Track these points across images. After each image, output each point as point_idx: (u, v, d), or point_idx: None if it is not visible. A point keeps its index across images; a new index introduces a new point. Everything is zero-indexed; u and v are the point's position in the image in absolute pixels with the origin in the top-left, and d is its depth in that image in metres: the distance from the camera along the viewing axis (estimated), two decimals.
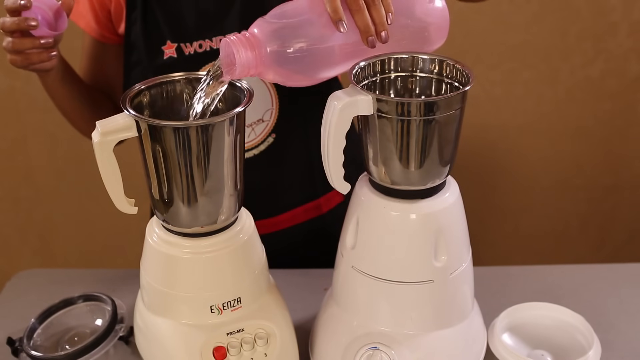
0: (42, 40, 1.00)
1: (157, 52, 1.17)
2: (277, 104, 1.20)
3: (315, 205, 1.33)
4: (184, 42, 1.16)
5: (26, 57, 1.02)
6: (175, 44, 1.16)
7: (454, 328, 0.97)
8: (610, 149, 2.13)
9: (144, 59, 1.18)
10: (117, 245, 2.22)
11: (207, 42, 1.16)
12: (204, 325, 0.94)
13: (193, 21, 1.16)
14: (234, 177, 0.92)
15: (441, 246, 0.92)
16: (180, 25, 1.16)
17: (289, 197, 1.31)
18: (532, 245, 2.27)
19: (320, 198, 1.33)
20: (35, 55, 1.02)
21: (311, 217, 1.33)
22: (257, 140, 1.22)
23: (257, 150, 1.23)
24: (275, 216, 1.30)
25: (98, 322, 1.10)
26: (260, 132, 1.22)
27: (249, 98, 0.89)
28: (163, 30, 1.16)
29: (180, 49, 1.16)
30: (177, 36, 1.16)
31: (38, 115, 2.02)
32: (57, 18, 1.02)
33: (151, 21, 1.17)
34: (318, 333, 1.02)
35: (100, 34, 1.23)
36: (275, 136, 1.22)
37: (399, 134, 0.86)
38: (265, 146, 1.23)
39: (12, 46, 1.00)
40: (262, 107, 1.20)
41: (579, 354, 1.00)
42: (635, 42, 1.98)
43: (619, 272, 1.26)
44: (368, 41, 0.86)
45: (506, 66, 2.01)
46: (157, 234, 0.95)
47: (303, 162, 1.28)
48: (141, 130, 0.86)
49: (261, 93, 1.19)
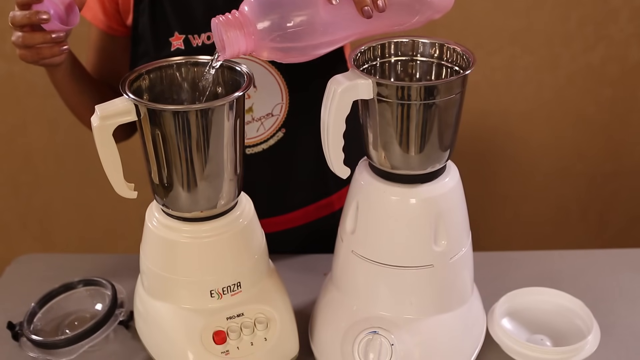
0: (53, 34, 0.97)
1: (165, 43, 1.15)
2: (287, 99, 1.19)
3: (327, 203, 1.31)
4: (191, 33, 1.15)
5: (37, 51, 1.00)
6: (183, 35, 1.15)
7: (454, 313, 0.97)
8: (610, 135, 2.13)
9: (150, 50, 1.17)
10: (117, 230, 2.22)
11: None
12: (204, 310, 0.95)
13: (201, 13, 1.14)
14: (233, 161, 0.92)
15: (441, 231, 0.92)
16: (188, 17, 1.15)
17: (299, 194, 1.29)
18: (532, 231, 2.27)
19: (332, 195, 1.31)
20: (46, 50, 1.00)
21: (323, 214, 1.32)
22: (266, 134, 1.21)
23: (267, 145, 1.22)
24: (286, 214, 1.29)
25: (98, 307, 1.11)
26: (269, 126, 1.20)
27: (248, 82, 0.88)
28: (171, 21, 1.15)
29: (188, 40, 1.15)
30: (185, 28, 1.15)
31: (37, 101, 2.01)
32: (68, 12, 0.99)
33: (159, 12, 1.15)
34: (318, 318, 1.02)
35: (107, 26, 1.21)
36: (285, 131, 1.21)
37: (399, 118, 0.86)
38: (275, 141, 1.21)
39: (23, 41, 0.98)
40: (271, 101, 1.19)
41: (578, 338, 1.01)
42: (636, 28, 1.97)
43: (618, 258, 1.26)
44: (363, 12, 0.82)
45: (506, 52, 2.00)
46: (156, 219, 0.95)
47: (313, 158, 1.26)
48: (140, 115, 0.86)
49: (271, 87, 1.18)
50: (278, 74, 1.17)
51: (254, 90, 1.17)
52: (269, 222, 1.27)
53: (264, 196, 1.24)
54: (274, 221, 1.27)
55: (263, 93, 1.18)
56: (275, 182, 1.26)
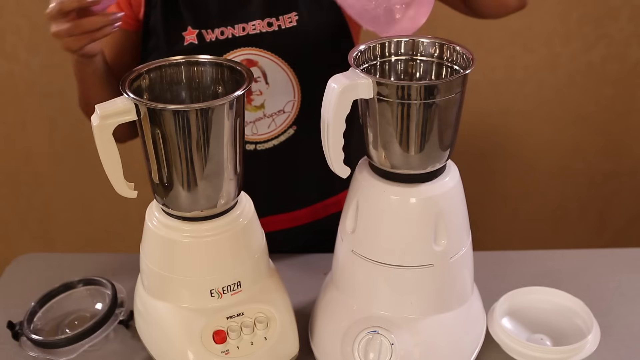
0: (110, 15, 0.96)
1: (177, 38, 1.14)
2: (299, 96, 1.19)
3: (334, 202, 1.31)
4: (205, 28, 1.14)
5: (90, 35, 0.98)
6: (197, 30, 1.14)
7: (454, 312, 0.97)
8: (610, 135, 2.13)
9: (162, 44, 1.16)
10: (117, 229, 2.22)
11: (229, 29, 1.14)
12: (204, 309, 0.95)
13: (216, 7, 1.14)
14: (233, 161, 0.91)
15: (441, 230, 0.92)
16: (202, 11, 1.14)
17: (308, 192, 1.29)
18: (532, 230, 2.27)
19: (339, 194, 1.31)
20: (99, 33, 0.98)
21: (331, 212, 1.31)
22: (277, 131, 1.21)
23: (277, 141, 1.21)
24: (294, 211, 1.29)
25: (98, 306, 1.11)
26: (280, 123, 1.20)
27: (248, 82, 0.88)
28: (184, 15, 1.14)
29: (202, 35, 1.14)
30: (199, 22, 1.14)
31: (37, 100, 2.01)
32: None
33: (172, 6, 1.15)
34: (318, 317, 1.02)
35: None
36: (296, 128, 1.21)
37: (399, 118, 0.86)
38: (285, 137, 1.21)
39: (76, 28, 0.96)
40: (283, 98, 1.19)
41: (578, 338, 1.01)
42: (636, 27, 1.97)
43: (618, 257, 1.26)
44: None
45: (507, 51, 2.00)
46: (157, 218, 0.95)
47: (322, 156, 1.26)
48: (140, 114, 0.86)
49: (283, 84, 1.17)
50: (291, 71, 1.17)
51: (267, 87, 1.17)
52: (276, 220, 1.27)
53: (272, 192, 1.24)
54: (280, 218, 1.27)
55: (275, 90, 1.18)
56: (284, 178, 1.26)
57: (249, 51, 1.15)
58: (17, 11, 1.89)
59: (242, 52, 1.15)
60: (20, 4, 1.89)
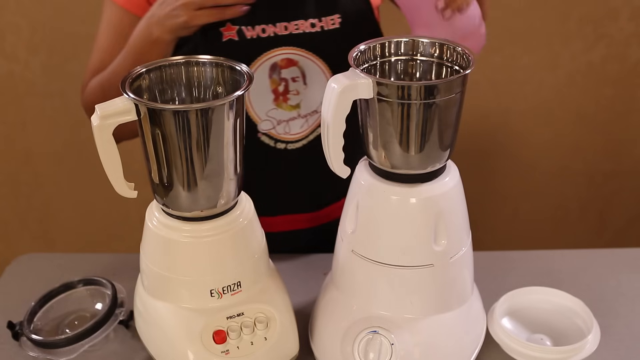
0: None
1: (215, 33, 1.11)
2: None
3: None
4: (245, 25, 1.12)
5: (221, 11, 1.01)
6: (237, 26, 1.11)
7: (454, 312, 0.97)
8: (610, 134, 2.13)
9: (197, 39, 1.11)
10: (117, 230, 2.22)
11: (271, 27, 1.12)
12: (204, 309, 0.95)
13: (260, 4, 1.10)
14: (234, 161, 0.91)
15: (441, 230, 0.92)
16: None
17: (332, 192, 1.28)
18: (532, 230, 2.27)
19: None
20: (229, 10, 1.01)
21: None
22: (308, 130, 1.20)
23: (306, 141, 1.20)
24: (317, 211, 1.28)
25: (98, 306, 1.11)
26: (312, 122, 1.19)
27: (248, 82, 0.88)
28: None
29: (242, 32, 1.11)
30: (240, 18, 1.10)
31: (37, 100, 2.01)
32: None
33: None
34: (318, 317, 1.02)
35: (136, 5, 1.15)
36: None
37: (399, 118, 0.86)
38: (314, 136, 1.20)
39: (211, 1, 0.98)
40: (319, 99, 1.16)
41: (579, 338, 1.01)
42: (636, 27, 1.97)
43: (618, 257, 1.26)
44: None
45: (507, 51, 2.00)
46: (157, 218, 0.95)
47: None
48: (140, 114, 0.86)
49: (321, 85, 1.15)
50: (330, 73, 1.15)
51: (304, 87, 1.16)
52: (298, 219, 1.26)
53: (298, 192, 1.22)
54: (302, 217, 1.27)
55: (313, 91, 1.17)
56: (310, 177, 1.24)
57: (290, 50, 1.13)
58: (17, 11, 1.89)
59: (282, 51, 1.13)
60: (20, 4, 1.89)
